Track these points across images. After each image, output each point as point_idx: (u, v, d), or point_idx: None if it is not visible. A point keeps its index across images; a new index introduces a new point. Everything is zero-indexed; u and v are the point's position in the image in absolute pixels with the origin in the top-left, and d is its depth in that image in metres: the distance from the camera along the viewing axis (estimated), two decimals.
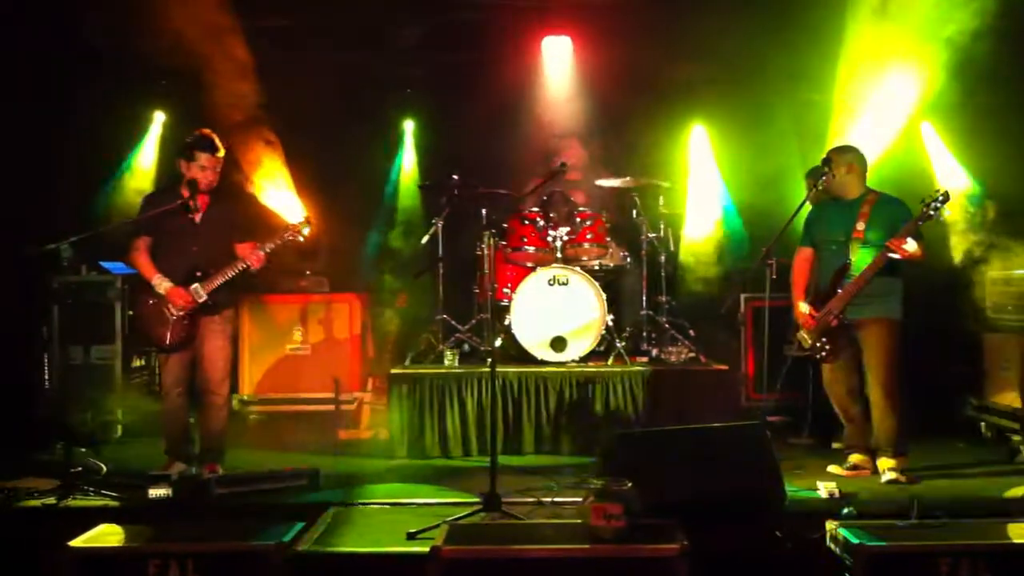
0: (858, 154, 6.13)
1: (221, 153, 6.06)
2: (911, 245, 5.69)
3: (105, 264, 7.86)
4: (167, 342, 5.96)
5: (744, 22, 7.91)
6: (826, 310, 5.99)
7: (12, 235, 6.55)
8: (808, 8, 7.55)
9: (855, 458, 6.10)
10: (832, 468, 6.12)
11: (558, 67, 8.97)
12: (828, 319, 5.98)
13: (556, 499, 5.39)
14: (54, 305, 6.77)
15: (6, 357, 6.93)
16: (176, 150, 6.15)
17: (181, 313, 5.94)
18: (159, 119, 9.20)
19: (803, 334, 6.15)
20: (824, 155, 6.17)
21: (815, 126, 7.87)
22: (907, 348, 6.00)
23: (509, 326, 7.17)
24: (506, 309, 7.28)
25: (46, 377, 6.63)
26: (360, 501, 5.45)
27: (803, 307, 6.15)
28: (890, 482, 5.75)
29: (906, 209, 5.92)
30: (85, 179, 8.42)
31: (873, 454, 6.03)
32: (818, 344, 6.06)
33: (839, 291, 5.96)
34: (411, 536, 4.69)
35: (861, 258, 5.90)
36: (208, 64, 8.55)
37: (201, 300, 5.95)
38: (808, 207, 6.25)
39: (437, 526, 4.57)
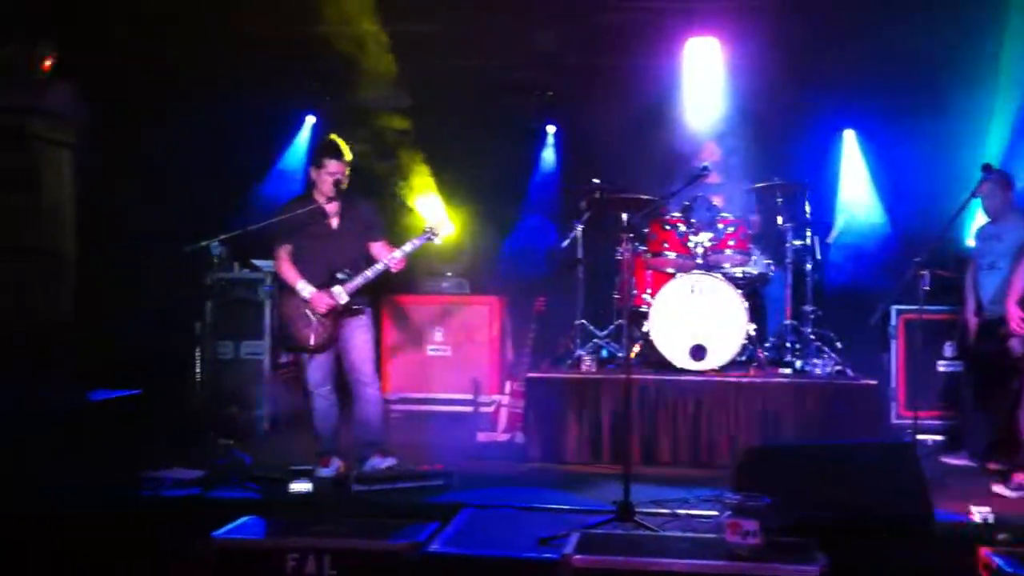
0: None
1: (348, 158, 6.18)
2: None
3: (256, 262, 8.12)
4: (311, 343, 6.14)
5: (896, 19, 7.62)
6: None
7: (170, 233, 6.83)
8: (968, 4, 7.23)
9: (1021, 476, 5.80)
10: (997, 487, 5.83)
11: (702, 69, 8.79)
12: None
13: (691, 512, 5.28)
14: (206, 301, 7.02)
15: (161, 351, 7.22)
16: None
17: (324, 315, 6.09)
18: (309, 122, 9.45)
19: (1013, 342, 5.98)
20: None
21: (973, 131, 7.53)
22: None
23: (648, 333, 7.08)
24: (645, 315, 7.19)
25: (197, 371, 6.88)
26: (493, 504, 5.45)
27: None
28: None
29: None
30: (238, 179, 8.72)
31: None
32: None
33: None
34: (542, 542, 4.67)
35: None
36: (355, 68, 8.78)
37: (343, 302, 6.08)
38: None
39: (568, 533, 4.53)
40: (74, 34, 6.84)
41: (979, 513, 5.11)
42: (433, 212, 7.85)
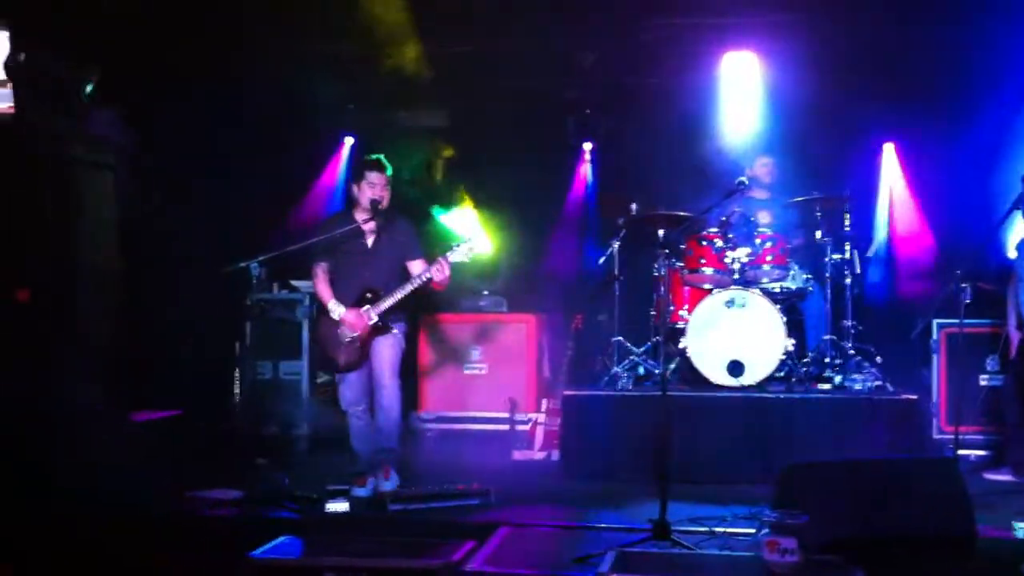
0: None
1: (389, 171, 6.23)
2: None
3: (295, 282, 8.19)
4: (342, 363, 6.19)
5: (936, 31, 7.56)
6: None
7: (211, 254, 6.92)
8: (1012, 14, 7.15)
9: None
10: None
11: (740, 84, 8.76)
12: None
13: (729, 530, 5.23)
14: (246, 322, 7.09)
15: (201, 371, 7.30)
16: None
17: (354, 335, 6.12)
18: (349, 142, 9.53)
19: None
20: None
21: (1014, 142, 7.43)
22: None
23: (685, 349, 7.04)
24: (682, 332, 7.15)
25: (237, 391, 6.95)
26: (530, 523, 5.43)
27: None
28: None
29: None
30: (278, 200, 8.81)
31: None
32: None
33: None
34: (578, 561, 4.64)
35: None
36: (395, 87, 8.87)
37: (372, 322, 6.11)
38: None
39: (605, 552, 4.50)
40: (120, 57, 6.99)
41: (1022, 529, 5.01)
42: (471, 229, 7.91)
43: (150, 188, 7.11)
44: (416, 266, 6.29)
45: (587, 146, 9.68)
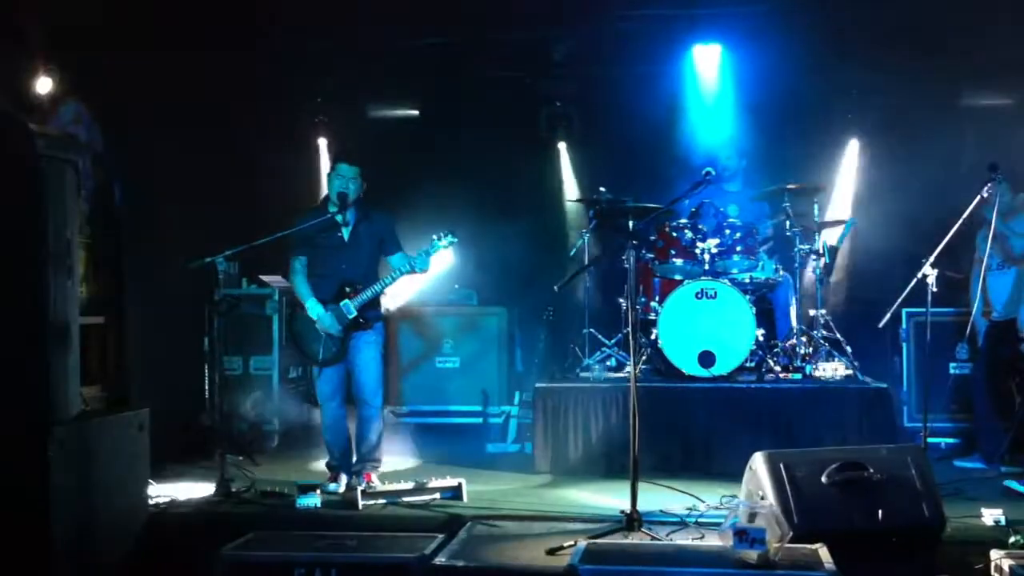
0: None
1: (358, 166, 6.18)
2: None
3: (265, 277, 8.14)
4: (320, 358, 6.15)
5: (904, 22, 7.61)
6: None
7: (180, 251, 6.86)
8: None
9: None
10: (1010, 482, 5.79)
11: (708, 76, 8.77)
12: None
13: (700, 520, 5.25)
14: (214, 317, 7.02)
15: (170, 367, 7.24)
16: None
17: (332, 331, 6.10)
18: (321, 140, 9.46)
19: None
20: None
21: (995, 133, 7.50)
22: None
23: (656, 340, 7.06)
24: (653, 323, 7.17)
25: (206, 387, 6.88)
26: (501, 515, 5.43)
27: None
28: None
29: None
30: (250, 199, 8.74)
31: None
32: None
33: None
34: (550, 553, 4.64)
35: None
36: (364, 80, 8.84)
37: (351, 316, 6.08)
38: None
39: (576, 543, 4.50)
40: (83, 54, 6.92)
41: (991, 516, 5.06)
42: (444, 222, 7.87)
43: (116, 184, 7.04)
44: (395, 259, 6.27)
45: (559, 138, 9.65)
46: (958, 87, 8.48)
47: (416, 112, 9.50)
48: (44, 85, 6.88)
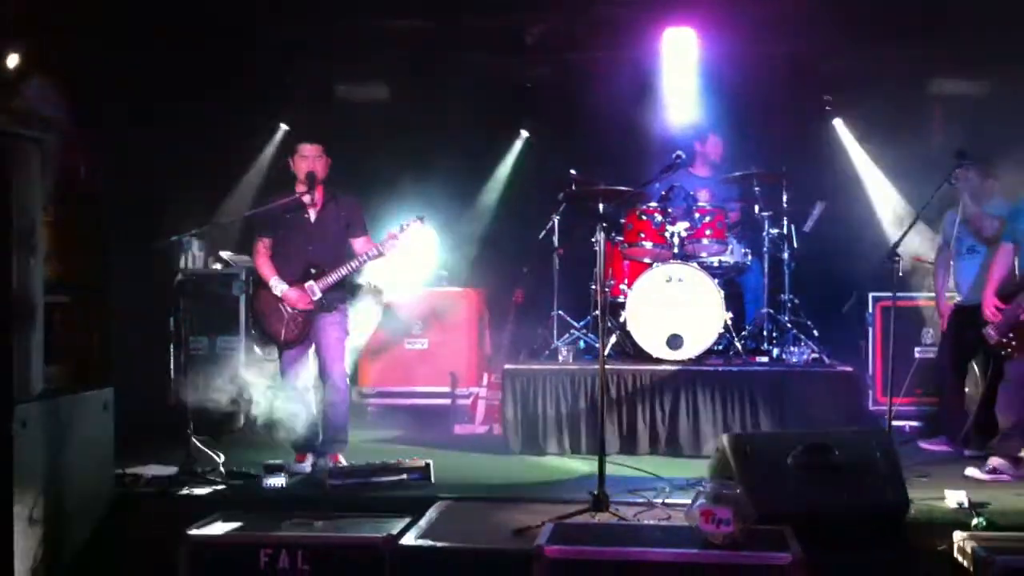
0: None
1: (321, 144, 6.15)
2: None
3: (230, 256, 8.07)
4: (282, 338, 6.13)
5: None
6: (1016, 303, 5.82)
7: (144, 232, 6.79)
8: None
9: (996, 461, 5.82)
10: (970, 470, 5.85)
11: (680, 60, 8.76)
12: (1018, 312, 5.79)
13: (666, 501, 5.27)
14: (180, 297, 6.97)
15: (136, 347, 7.17)
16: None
17: (297, 310, 6.05)
18: (282, 129, 9.37)
19: (989, 329, 5.98)
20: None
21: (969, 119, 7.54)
22: None
23: (624, 323, 7.07)
24: (622, 306, 7.18)
25: (171, 367, 6.84)
26: (469, 496, 5.42)
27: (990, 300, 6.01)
28: None
29: None
30: (215, 182, 8.67)
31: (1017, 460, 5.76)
32: (1004, 340, 5.88)
33: None
34: (518, 533, 4.65)
35: None
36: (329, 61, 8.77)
37: (315, 298, 6.05)
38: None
39: (543, 524, 4.51)
40: (52, 28, 6.82)
41: (954, 498, 5.11)
42: (413, 206, 7.83)
43: (81, 162, 6.96)
44: (361, 243, 6.23)
45: (529, 121, 9.62)
46: (931, 72, 8.53)
47: (386, 95, 9.43)
48: (10, 61, 6.78)
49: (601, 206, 7.17)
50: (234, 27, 8.06)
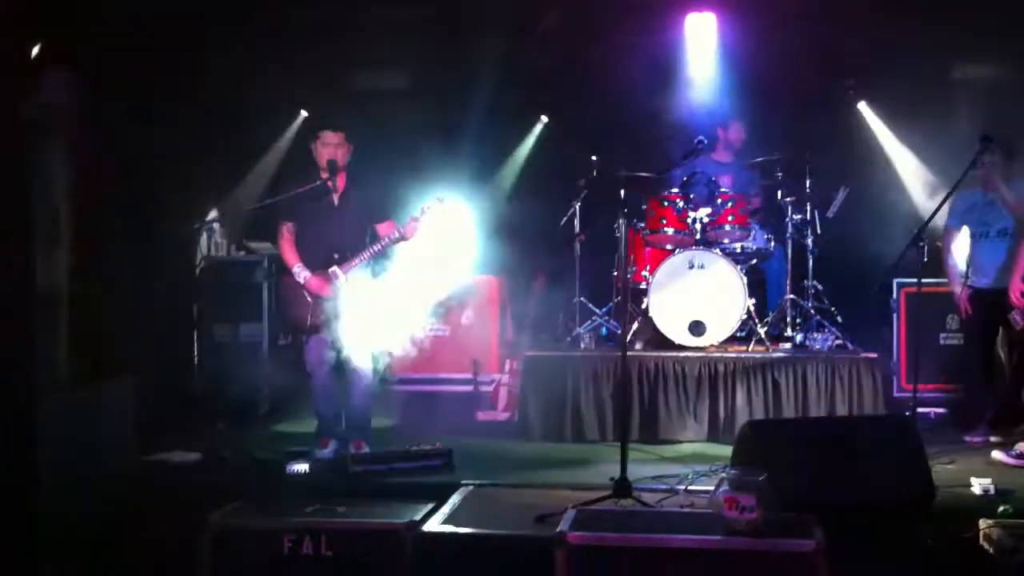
0: None
1: (342, 131, 6.14)
2: None
3: (254, 244, 8.09)
4: (307, 324, 6.11)
5: None
6: None
7: (167, 219, 6.81)
8: None
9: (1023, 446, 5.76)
10: (996, 454, 5.80)
11: (702, 45, 8.71)
12: None
13: (689, 487, 5.26)
14: (203, 285, 7.01)
15: (159, 335, 7.20)
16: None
17: (321, 296, 6.06)
18: (302, 115, 9.37)
19: (1015, 315, 5.98)
20: None
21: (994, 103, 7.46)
22: None
23: (646, 309, 7.04)
24: (644, 292, 7.15)
25: (195, 355, 6.87)
26: (491, 482, 5.43)
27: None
28: None
29: None
30: (235, 168, 8.67)
31: None
32: None
33: None
34: (540, 520, 4.64)
35: None
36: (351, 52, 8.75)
37: (339, 282, 6.05)
38: None
39: (565, 510, 4.50)
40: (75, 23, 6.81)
41: (980, 485, 5.07)
42: (433, 190, 7.82)
43: (102, 151, 6.97)
44: (384, 227, 6.23)
45: (550, 108, 9.58)
46: (957, 56, 8.44)
47: (406, 82, 9.42)
48: (31, 49, 6.79)
49: (622, 192, 7.16)
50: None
